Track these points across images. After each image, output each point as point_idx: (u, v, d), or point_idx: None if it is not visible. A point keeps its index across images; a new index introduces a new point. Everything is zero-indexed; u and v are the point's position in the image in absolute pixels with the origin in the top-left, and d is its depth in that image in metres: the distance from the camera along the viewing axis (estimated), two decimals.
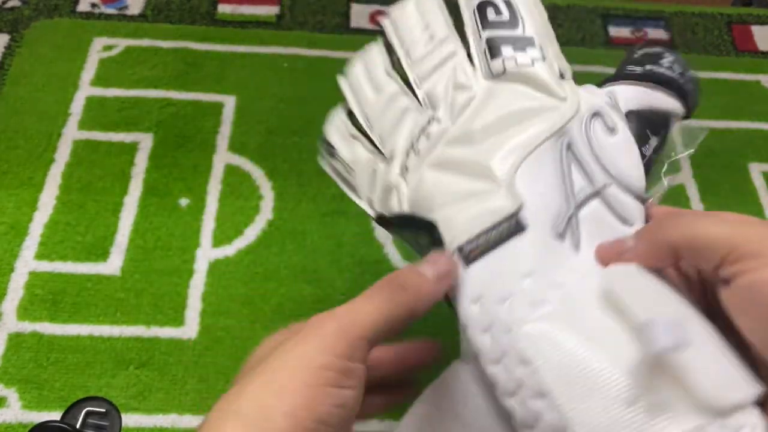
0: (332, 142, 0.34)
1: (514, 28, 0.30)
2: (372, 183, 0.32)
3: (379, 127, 0.31)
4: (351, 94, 0.34)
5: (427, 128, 0.29)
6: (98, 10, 0.67)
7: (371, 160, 0.32)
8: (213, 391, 0.46)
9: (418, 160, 0.29)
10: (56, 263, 0.51)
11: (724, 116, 0.65)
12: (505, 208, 0.26)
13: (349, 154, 0.33)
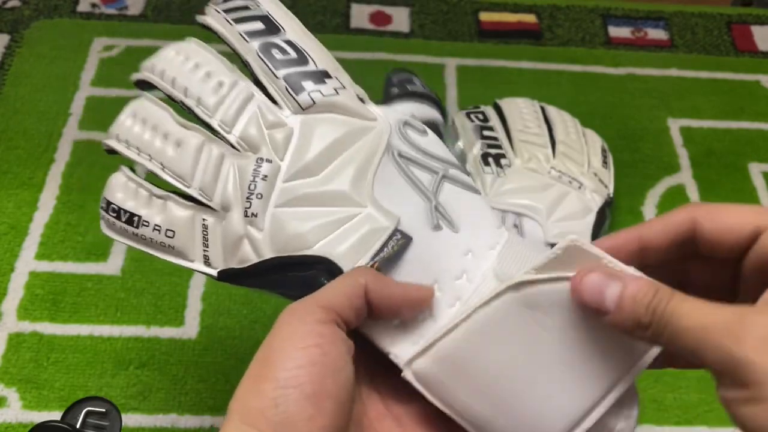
0: (128, 208, 0.31)
1: (305, 65, 0.30)
2: (203, 240, 0.30)
3: (197, 181, 0.30)
4: (142, 155, 0.32)
5: (259, 171, 0.29)
6: (98, 10, 0.67)
7: (193, 217, 0.30)
8: (213, 390, 0.46)
9: (262, 203, 0.29)
10: (56, 263, 0.51)
11: (724, 116, 0.65)
12: (386, 227, 0.28)
13: (161, 217, 0.31)
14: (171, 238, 0.30)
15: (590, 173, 0.53)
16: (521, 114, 0.56)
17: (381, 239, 0.28)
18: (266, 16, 0.31)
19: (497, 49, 0.68)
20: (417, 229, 0.28)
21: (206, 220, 0.30)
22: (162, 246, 0.31)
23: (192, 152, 0.30)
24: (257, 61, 0.30)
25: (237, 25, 0.31)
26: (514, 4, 0.72)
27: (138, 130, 0.32)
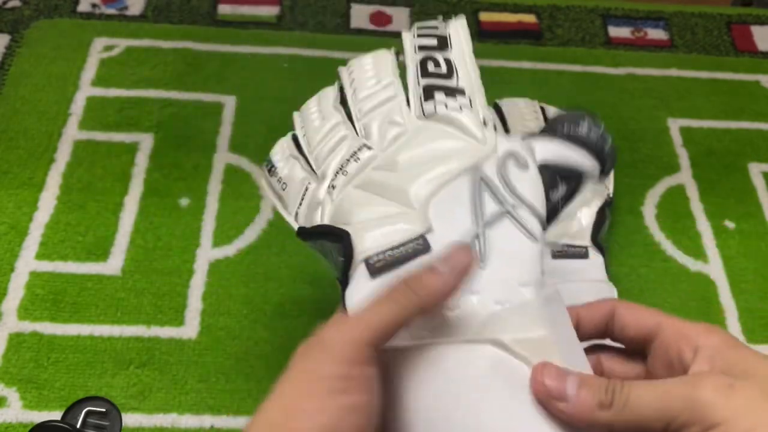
0: (274, 161, 0.37)
1: (448, 79, 0.33)
2: (301, 199, 0.35)
3: (317, 151, 0.35)
4: (300, 122, 0.38)
5: (357, 153, 0.33)
6: (99, 11, 0.67)
7: (305, 179, 0.35)
8: (213, 390, 0.46)
9: (345, 180, 0.32)
10: (57, 263, 0.51)
11: (724, 116, 0.65)
12: (413, 230, 0.29)
13: (286, 171, 0.36)
14: (284, 190, 0.36)
15: None
16: (521, 114, 0.56)
17: (402, 239, 0.28)
18: (444, 37, 0.35)
19: (497, 49, 0.68)
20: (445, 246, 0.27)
21: (311, 185, 0.34)
22: (278, 195, 0.36)
23: (327, 128, 0.35)
24: (413, 70, 0.34)
25: (417, 38, 0.35)
26: (514, 5, 0.72)
27: (312, 105, 0.38)
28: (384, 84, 0.35)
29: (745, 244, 0.57)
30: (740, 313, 0.53)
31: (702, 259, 0.55)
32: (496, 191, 0.30)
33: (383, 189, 0.31)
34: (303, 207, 0.34)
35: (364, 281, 0.28)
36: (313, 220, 0.33)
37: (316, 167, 0.35)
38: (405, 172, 0.31)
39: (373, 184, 0.31)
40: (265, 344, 0.49)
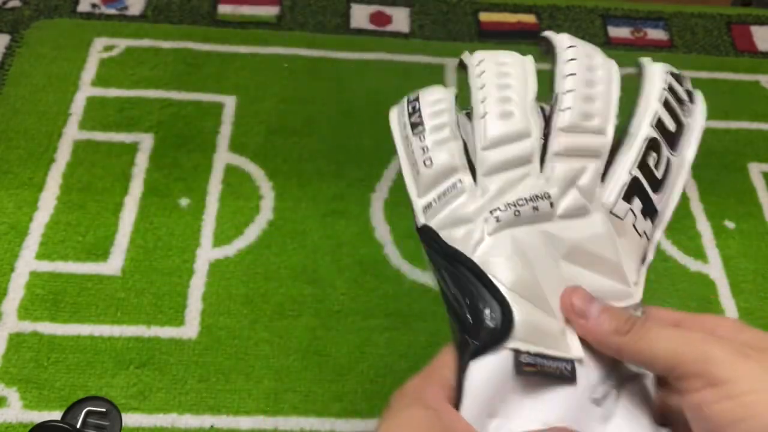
0: (423, 119, 0.29)
1: (656, 191, 0.28)
2: (441, 195, 0.28)
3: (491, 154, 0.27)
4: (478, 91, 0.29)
5: (539, 201, 0.26)
6: (99, 11, 0.67)
7: (456, 172, 0.28)
8: (213, 390, 0.46)
9: (512, 220, 0.26)
10: (57, 263, 0.51)
11: (724, 116, 0.65)
12: (567, 351, 0.25)
13: (436, 147, 0.28)
14: (425, 166, 0.28)
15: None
16: None
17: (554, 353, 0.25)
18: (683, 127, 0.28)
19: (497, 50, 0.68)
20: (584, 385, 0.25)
21: (462, 182, 0.27)
22: (412, 164, 0.28)
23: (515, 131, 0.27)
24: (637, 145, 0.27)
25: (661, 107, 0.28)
26: (514, 5, 0.72)
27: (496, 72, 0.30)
28: (596, 127, 0.27)
29: (745, 244, 0.57)
30: (740, 313, 0.53)
31: (702, 259, 0.55)
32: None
33: (546, 269, 0.26)
34: (440, 204, 0.28)
35: (509, 376, 0.24)
36: (451, 234, 0.27)
37: (481, 170, 0.27)
38: (569, 270, 0.26)
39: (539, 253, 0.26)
40: (265, 344, 0.49)
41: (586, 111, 0.27)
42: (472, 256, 0.26)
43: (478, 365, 0.24)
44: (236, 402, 0.46)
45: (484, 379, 0.24)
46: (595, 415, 0.25)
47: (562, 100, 0.28)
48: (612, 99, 0.28)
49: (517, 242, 0.26)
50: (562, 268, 0.26)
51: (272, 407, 0.46)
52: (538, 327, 0.25)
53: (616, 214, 0.27)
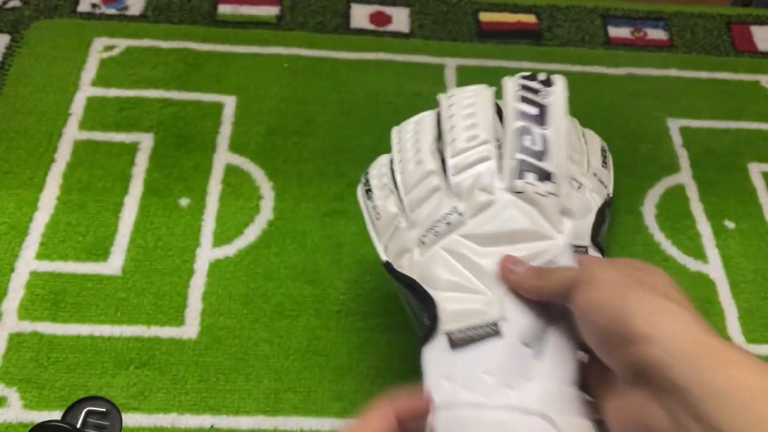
0: (372, 186, 0.41)
1: (541, 160, 0.35)
2: (391, 235, 0.38)
3: (411, 195, 0.38)
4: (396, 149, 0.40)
5: (448, 217, 0.35)
6: (99, 11, 0.68)
7: (397, 216, 0.38)
8: (213, 390, 0.47)
9: (434, 239, 0.36)
10: (57, 263, 0.51)
11: (724, 116, 0.65)
12: (491, 316, 0.33)
13: (381, 201, 0.39)
14: (377, 219, 0.40)
15: (590, 173, 0.53)
16: None
17: (480, 321, 0.33)
18: (545, 107, 0.36)
19: (497, 50, 0.68)
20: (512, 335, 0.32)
21: (401, 224, 0.38)
22: (371, 221, 0.40)
23: (421, 174, 0.37)
24: (511, 139, 0.36)
25: (519, 103, 0.36)
26: (514, 5, 0.72)
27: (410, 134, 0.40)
28: (480, 140, 0.37)
29: (745, 244, 0.57)
30: (740, 313, 0.53)
31: (702, 259, 0.56)
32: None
33: (469, 264, 0.34)
34: (392, 244, 0.38)
35: (444, 352, 0.33)
36: (400, 262, 0.37)
37: (407, 208, 0.38)
38: (486, 249, 0.34)
39: (459, 253, 0.35)
40: (265, 344, 0.49)
41: (469, 135, 0.37)
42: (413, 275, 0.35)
43: (426, 350, 0.34)
44: (236, 402, 0.46)
45: (433, 358, 0.33)
46: (528, 354, 0.32)
47: (453, 138, 0.37)
48: (488, 115, 0.37)
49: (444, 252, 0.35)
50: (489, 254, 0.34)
51: (272, 407, 0.46)
52: (463, 310, 0.33)
53: (517, 190, 0.35)
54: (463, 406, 0.31)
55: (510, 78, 0.38)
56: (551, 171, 0.35)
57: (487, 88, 0.39)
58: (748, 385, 0.23)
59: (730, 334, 0.52)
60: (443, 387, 0.32)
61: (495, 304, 0.33)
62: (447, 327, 0.33)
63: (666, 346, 0.25)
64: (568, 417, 0.30)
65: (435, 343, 0.34)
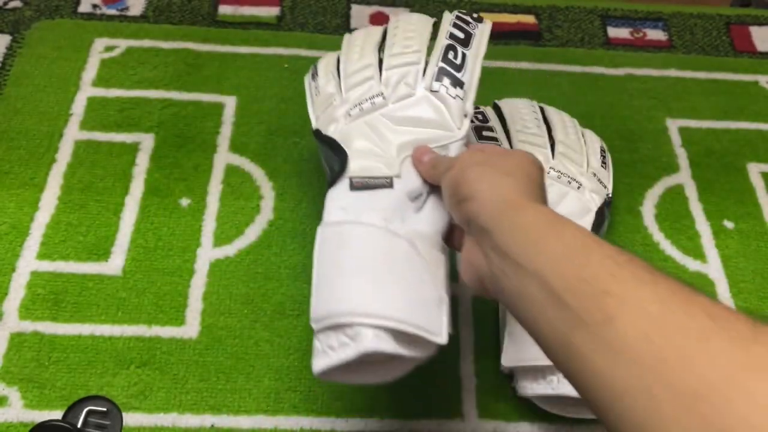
0: (318, 71, 0.49)
1: (458, 71, 0.44)
2: (324, 109, 0.46)
3: (348, 80, 0.46)
4: (346, 45, 0.49)
5: (374, 98, 0.44)
6: (99, 11, 0.68)
7: (333, 95, 0.46)
8: (213, 390, 0.47)
9: (359, 113, 0.44)
10: (58, 263, 0.51)
11: (723, 116, 0.65)
12: (387, 171, 0.41)
13: (323, 82, 0.48)
14: (316, 95, 0.48)
15: (589, 173, 0.54)
16: (520, 114, 0.57)
17: (378, 174, 0.41)
18: (471, 34, 0.45)
19: (497, 50, 0.68)
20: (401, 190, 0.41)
21: (335, 101, 0.46)
22: (311, 96, 0.49)
23: (361, 65, 0.46)
24: (439, 51, 0.44)
25: (452, 27, 0.45)
26: (514, 5, 0.73)
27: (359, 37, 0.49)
28: (413, 49, 0.45)
29: (744, 244, 0.57)
30: None
31: (701, 259, 0.56)
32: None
33: (380, 134, 0.43)
34: (324, 115, 0.46)
35: (345, 191, 0.41)
36: (327, 129, 0.45)
37: (343, 90, 0.46)
38: (398, 127, 0.43)
39: (375, 126, 0.43)
40: (266, 343, 0.49)
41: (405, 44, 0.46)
42: (335, 137, 0.44)
43: (331, 190, 0.42)
44: (237, 401, 0.46)
45: (334, 195, 0.42)
46: (411, 206, 0.41)
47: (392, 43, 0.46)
48: (424, 35, 0.46)
49: (365, 124, 0.44)
50: (398, 131, 0.43)
51: (272, 406, 0.46)
52: (368, 165, 0.42)
53: (433, 89, 0.44)
54: (349, 222, 0.40)
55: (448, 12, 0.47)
56: (463, 80, 0.44)
57: (429, 18, 0.48)
58: (530, 221, 0.31)
59: None
60: (337, 213, 0.41)
61: (394, 165, 0.42)
62: (351, 174, 0.41)
63: (480, 202, 0.34)
64: (428, 248, 0.39)
65: (339, 184, 0.42)
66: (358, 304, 0.36)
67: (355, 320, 0.36)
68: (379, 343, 0.35)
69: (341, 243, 0.39)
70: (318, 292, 0.39)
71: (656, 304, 0.24)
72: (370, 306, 0.36)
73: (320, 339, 0.38)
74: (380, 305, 0.36)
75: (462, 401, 0.47)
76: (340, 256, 0.39)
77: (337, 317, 0.36)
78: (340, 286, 0.38)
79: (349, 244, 0.39)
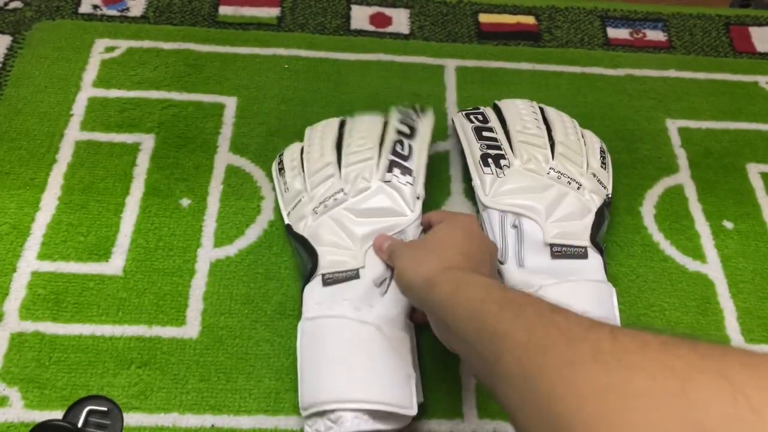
0: (284, 165, 0.54)
1: (406, 161, 0.51)
2: (294, 205, 0.52)
3: (313, 177, 0.52)
4: (306, 145, 0.54)
5: (336, 195, 0.50)
6: (100, 12, 0.68)
7: (300, 192, 0.52)
8: (214, 390, 0.47)
9: (324, 210, 0.50)
10: (58, 263, 0.51)
11: (722, 117, 0.65)
12: (354, 265, 0.47)
13: (290, 179, 0.53)
14: (286, 192, 0.53)
15: (589, 174, 0.54)
16: (520, 115, 0.57)
17: (346, 268, 0.47)
18: (415, 128, 0.54)
19: (496, 51, 0.68)
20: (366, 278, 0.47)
21: (303, 198, 0.51)
22: (281, 192, 0.54)
23: (322, 164, 0.52)
24: (388, 144, 0.52)
25: (398, 123, 0.53)
26: (513, 6, 0.73)
27: (318, 132, 0.55)
28: (367, 147, 0.52)
29: (744, 244, 0.57)
30: (739, 313, 0.53)
31: (700, 259, 0.56)
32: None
33: (345, 228, 0.49)
34: (294, 212, 0.52)
35: (319, 287, 0.47)
36: (297, 226, 0.51)
37: (309, 187, 0.51)
38: (359, 219, 0.49)
39: (340, 221, 0.49)
40: (266, 344, 0.49)
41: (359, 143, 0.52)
42: (305, 235, 0.50)
43: (307, 287, 0.47)
44: (237, 401, 0.46)
45: (310, 291, 0.47)
46: (377, 291, 0.46)
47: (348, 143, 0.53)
48: (376, 132, 0.53)
49: (330, 220, 0.49)
50: (360, 223, 0.49)
51: (273, 406, 0.46)
52: (336, 261, 0.47)
53: (386, 180, 0.50)
54: (323, 317, 0.45)
55: (396, 108, 0.55)
56: (411, 168, 0.51)
57: (379, 118, 0.55)
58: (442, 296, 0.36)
59: (729, 334, 0.52)
60: (313, 308, 0.46)
61: (359, 257, 0.47)
62: (323, 271, 0.47)
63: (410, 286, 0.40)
64: (394, 330, 0.45)
65: (313, 282, 0.47)
66: (337, 392, 0.42)
67: (336, 406, 0.41)
68: (359, 423, 0.41)
69: (318, 337, 0.44)
70: (303, 383, 0.44)
71: (523, 332, 0.28)
72: (348, 392, 0.41)
73: (309, 424, 0.43)
74: (356, 390, 0.42)
75: (462, 401, 0.48)
76: (317, 349, 0.44)
77: (320, 405, 0.42)
78: (321, 376, 0.43)
79: (324, 338, 0.44)
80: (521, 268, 0.49)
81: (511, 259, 0.49)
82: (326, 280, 0.47)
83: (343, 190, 0.50)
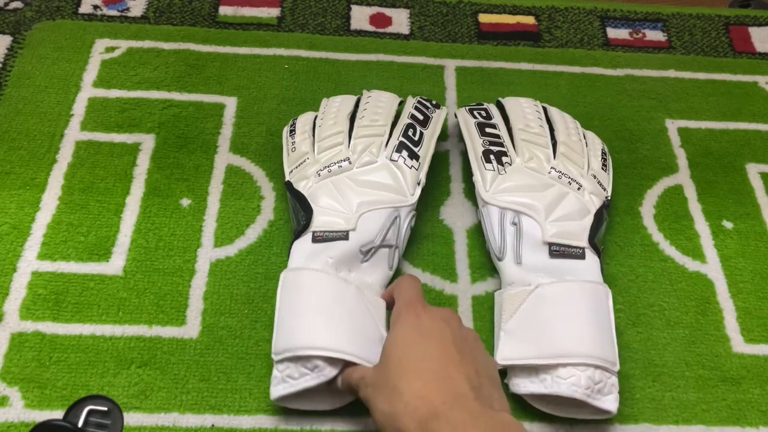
0: (296, 128, 0.55)
1: (415, 146, 0.53)
2: (298, 165, 0.53)
3: (321, 142, 0.53)
4: (323, 108, 0.56)
5: (341, 162, 0.52)
6: (100, 12, 0.68)
7: (306, 153, 0.53)
8: (214, 390, 0.47)
9: (327, 174, 0.51)
10: (59, 263, 0.51)
11: (722, 117, 0.65)
12: (345, 226, 0.49)
13: (299, 140, 0.54)
14: (292, 151, 0.54)
15: (589, 175, 0.54)
16: (524, 113, 0.57)
17: (337, 228, 0.49)
18: (429, 117, 0.55)
19: (496, 51, 0.69)
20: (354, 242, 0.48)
21: (308, 160, 0.53)
22: (287, 152, 0.55)
23: (334, 131, 0.53)
24: (401, 127, 0.54)
25: (414, 109, 0.55)
26: (513, 6, 0.73)
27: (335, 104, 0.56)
28: (380, 124, 0.54)
29: (743, 244, 0.57)
30: (738, 313, 0.53)
31: (700, 259, 0.56)
32: (399, 229, 0.50)
33: (343, 193, 0.50)
34: (297, 170, 0.53)
35: (308, 242, 0.48)
36: (298, 184, 0.52)
37: (316, 150, 0.53)
38: (359, 188, 0.50)
39: (340, 187, 0.50)
40: (266, 344, 0.49)
41: (372, 118, 0.54)
42: (305, 193, 0.51)
43: (296, 242, 0.49)
44: (237, 401, 0.46)
45: (298, 246, 0.49)
46: (359, 257, 0.48)
47: (362, 116, 0.55)
48: (390, 112, 0.55)
49: (331, 183, 0.51)
50: (359, 192, 0.50)
51: (273, 406, 0.46)
52: (329, 221, 0.49)
53: (393, 159, 0.52)
54: (307, 269, 0.47)
55: (412, 96, 0.57)
56: (419, 154, 0.52)
57: (397, 98, 0.57)
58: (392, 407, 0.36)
59: (728, 334, 0.52)
60: (299, 261, 0.48)
61: (351, 221, 0.49)
62: (314, 228, 0.49)
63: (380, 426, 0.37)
64: (371, 294, 0.47)
65: (303, 237, 0.49)
66: (316, 339, 0.42)
67: (312, 353, 0.42)
68: (334, 372, 0.42)
69: (299, 287, 0.46)
70: (279, 329, 0.45)
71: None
72: (326, 341, 0.42)
73: (279, 369, 0.43)
74: (334, 340, 0.42)
75: None
76: (298, 298, 0.45)
77: (296, 350, 0.42)
78: (299, 323, 0.44)
79: (306, 288, 0.45)
80: (519, 266, 0.49)
81: (509, 256, 0.49)
82: (316, 237, 0.48)
83: (349, 159, 0.51)
